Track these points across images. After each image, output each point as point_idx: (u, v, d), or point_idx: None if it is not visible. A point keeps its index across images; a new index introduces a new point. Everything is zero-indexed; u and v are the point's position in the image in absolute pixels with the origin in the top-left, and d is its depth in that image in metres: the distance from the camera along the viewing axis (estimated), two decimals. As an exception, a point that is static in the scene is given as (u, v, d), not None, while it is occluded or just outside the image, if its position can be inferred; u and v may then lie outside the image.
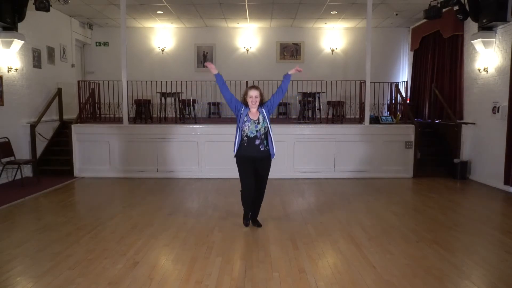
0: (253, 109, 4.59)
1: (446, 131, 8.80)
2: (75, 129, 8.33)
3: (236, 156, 4.68)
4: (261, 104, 4.64)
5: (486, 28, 7.40)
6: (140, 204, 6.11)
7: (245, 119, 4.56)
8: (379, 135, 8.24)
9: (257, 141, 4.57)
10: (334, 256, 4.03)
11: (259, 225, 4.90)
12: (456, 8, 7.72)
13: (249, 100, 4.55)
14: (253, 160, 4.62)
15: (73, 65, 10.63)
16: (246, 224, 4.91)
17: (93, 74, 11.51)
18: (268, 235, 4.62)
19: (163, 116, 9.31)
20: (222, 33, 11.80)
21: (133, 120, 9.07)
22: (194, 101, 9.59)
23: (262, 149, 4.59)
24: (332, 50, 11.82)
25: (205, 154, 8.24)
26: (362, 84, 8.82)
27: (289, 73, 4.76)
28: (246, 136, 4.57)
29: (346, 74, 11.49)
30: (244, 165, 4.65)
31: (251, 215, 4.94)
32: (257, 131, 4.54)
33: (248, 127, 4.55)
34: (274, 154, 4.68)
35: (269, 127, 4.63)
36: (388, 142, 8.26)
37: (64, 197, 6.61)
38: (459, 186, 7.49)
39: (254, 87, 4.62)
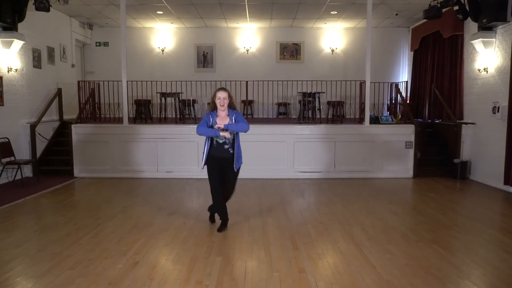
0: (222, 113, 4.59)
1: (446, 131, 8.80)
2: (75, 129, 8.33)
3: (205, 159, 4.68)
4: (232, 108, 4.64)
5: (486, 28, 7.40)
6: (140, 204, 6.11)
7: (214, 126, 4.57)
8: (379, 135, 8.24)
9: (226, 146, 4.61)
10: (334, 256, 4.03)
11: (213, 221, 5.07)
12: (456, 8, 7.72)
13: (217, 102, 4.54)
14: (221, 161, 4.64)
15: (73, 65, 10.63)
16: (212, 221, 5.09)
17: (93, 74, 11.51)
18: (268, 235, 4.62)
19: (163, 116, 9.32)
20: (222, 33, 11.80)
21: (133, 120, 9.08)
22: (194, 101, 9.59)
23: (231, 151, 4.62)
24: (332, 50, 11.82)
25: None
26: (362, 84, 8.82)
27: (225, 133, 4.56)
28: (216, 142, 4.61)
29: (346, 74, 11.49)
30: (212, 166, 4.66)
31: (211, 211, 5.10)
32: (225, 137, 4.55)
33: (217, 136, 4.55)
34: (239, 162, 4.66)
35: (236, 136, 4.64)
36: (388, 142, 8.26)
37: (64, 197, 6.61)
38: (459, 186, 7.49)
39: (223, 88, 4.64)
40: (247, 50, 11.87)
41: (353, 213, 5.56)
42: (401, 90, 9.41)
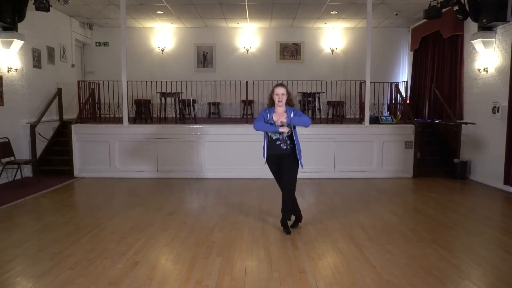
0: (279, 109, 4.51)
1: (446, 131, 8.80)
2: (75, 129, 8.34)
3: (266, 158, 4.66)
4: (290, 105, 4.56)
5: (486, 28, 7.40)
6: (140, 204, 6.11)
7: (271, 122, 4.52)
8: (379, 135, 8.24)
9: (278, 142, 4.55)
10: (334, 256, 4.03)
11: (288, 232, 4.63)
12: (456, 8, 7.72)
13: (275, 98, 4.49)
14: (278, 158, 4.60)
15: (73, 65, 10.63)
16: (287, 232, 4.67)
17: (93, 74, 11.51)
18: (268, 235, 4.62)
19: (163, 116, 9.32)
20: (222, 33, 11.80)
21: (133, 120, 9.08)
22: (194, 101, 9.59)
23: (284, 147, 4.55)
24: (332, 50, 11.82)
25: (205, 154, 8.24)
26: (362, 84, 8.82)
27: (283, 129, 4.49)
28: (271, 138, 4.57)
29: (346, 74, 11.49)
30: (270, 165, 4.68)
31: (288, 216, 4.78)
32: (279, 133, 4.49)
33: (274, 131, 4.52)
34: (300, 162, 4.58)
35: (294, 131, 4.54)
36: (388, 142, 8.26)
37: (64, 197, 6.61)
38: (459, 186, 7.49)
39: (281, 84, 4.56)
40: (247, 50, 11.87)
41: (353, 213, 5.56)
42: (401, 90, 9.41)
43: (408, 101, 10.20)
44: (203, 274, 3.57)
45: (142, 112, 9.25)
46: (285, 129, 4.43)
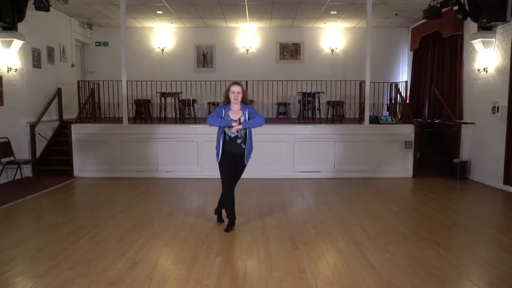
0: (235, 106, 4.59)
1: (446, 131, 8.81)
2: (75, 129, 8.33)
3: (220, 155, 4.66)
4: (245, 103, 4.65)
5: (486, 28, 7.41)
6: (140, 204, 6.11)
7: (228, 120, 4.57)
8: (379, 135, 8.24)
9: (239, 141, 4.61)
10: (334, 256, 4.03)
11: (222, 221, 5.03)
12: (455, 8, 7.72)
13: (231, 96, 4.54)
14: (234, 157, 4.65)
15: (73, 65, 10.63)
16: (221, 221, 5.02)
17: (93, 74, 11.52)
18: (268, 235, 4.62)
19: (163, 116, 9.32)
20: (222, 33, 11.81)
21: (133, 120, 9.08)
22: (194, 101, 9.59)
23: (244, 146, 4.63)
24: (332, 50, 11.82)
25: (205, 154, 8.24)
26: (361, 84, 8.82)
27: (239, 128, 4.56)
28: (228, 136, 4.59)
29: (346, 74, 11.49)
30: (225, 163, 4.64)
31: (218, 208, 5.09)
32: (236, 130, 4.55)
33: (229, 128, 4.55)
34: (249, 157, 4.69)
35: (249, 131, 4.66)
36: (388, 142, 8.26)
37: (64, 197, 6.61)
38: (459, 186, 7.50)
39: (237, 83, 4.64)
40: (247, 50, 11.87)
41: (353, 213, 5.56)
42: (400, 90, 9.41)
43: (408, 101, 10.20)
44: (203, 274, 3.57)
45: (142, 112, 9.25)
46: (238, 127, 4.46)
